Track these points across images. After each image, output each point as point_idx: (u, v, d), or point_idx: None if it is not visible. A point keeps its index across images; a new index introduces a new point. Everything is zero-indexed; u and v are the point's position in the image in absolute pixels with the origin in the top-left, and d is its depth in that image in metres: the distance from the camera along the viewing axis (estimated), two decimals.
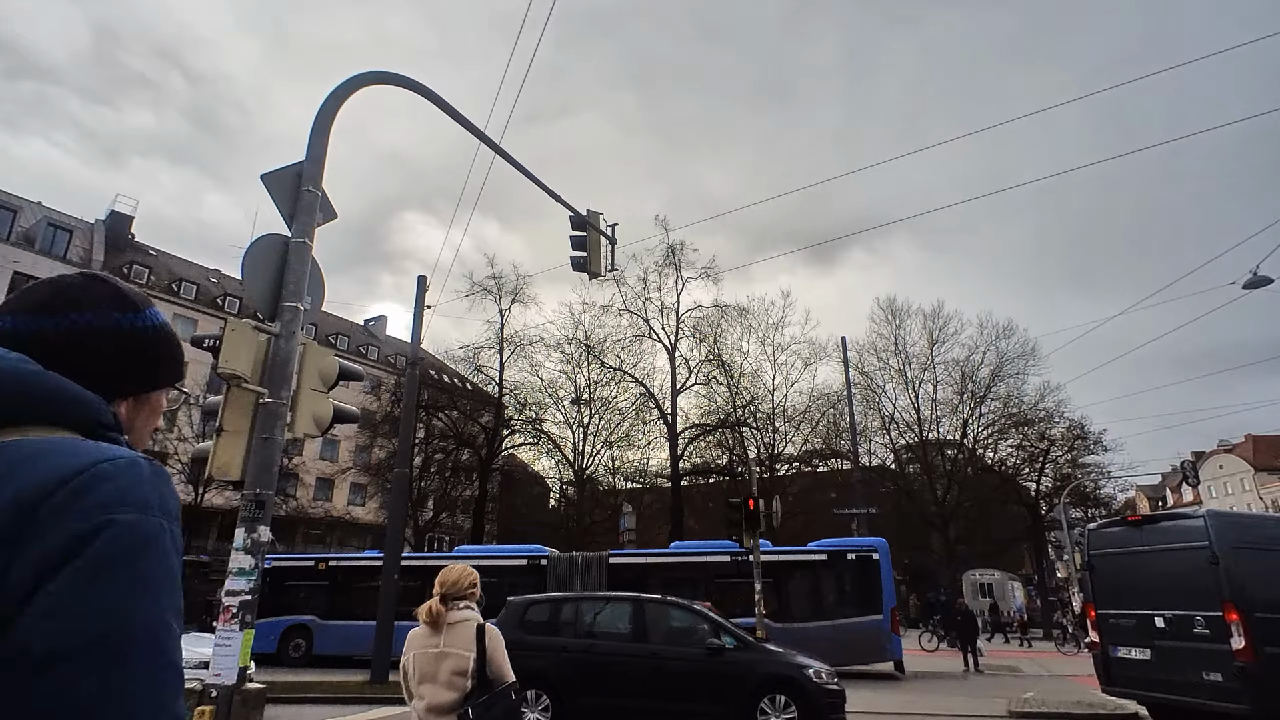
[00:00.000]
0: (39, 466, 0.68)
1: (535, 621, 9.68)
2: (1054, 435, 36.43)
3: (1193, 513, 8.71)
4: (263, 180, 5.34)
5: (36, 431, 0.74)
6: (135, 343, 0.92)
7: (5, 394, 0.74)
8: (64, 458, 0.70)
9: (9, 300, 0.88)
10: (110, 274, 0.98)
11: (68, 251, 37.34)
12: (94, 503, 0.67)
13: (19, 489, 0.65)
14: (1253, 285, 14.31)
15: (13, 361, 0.77)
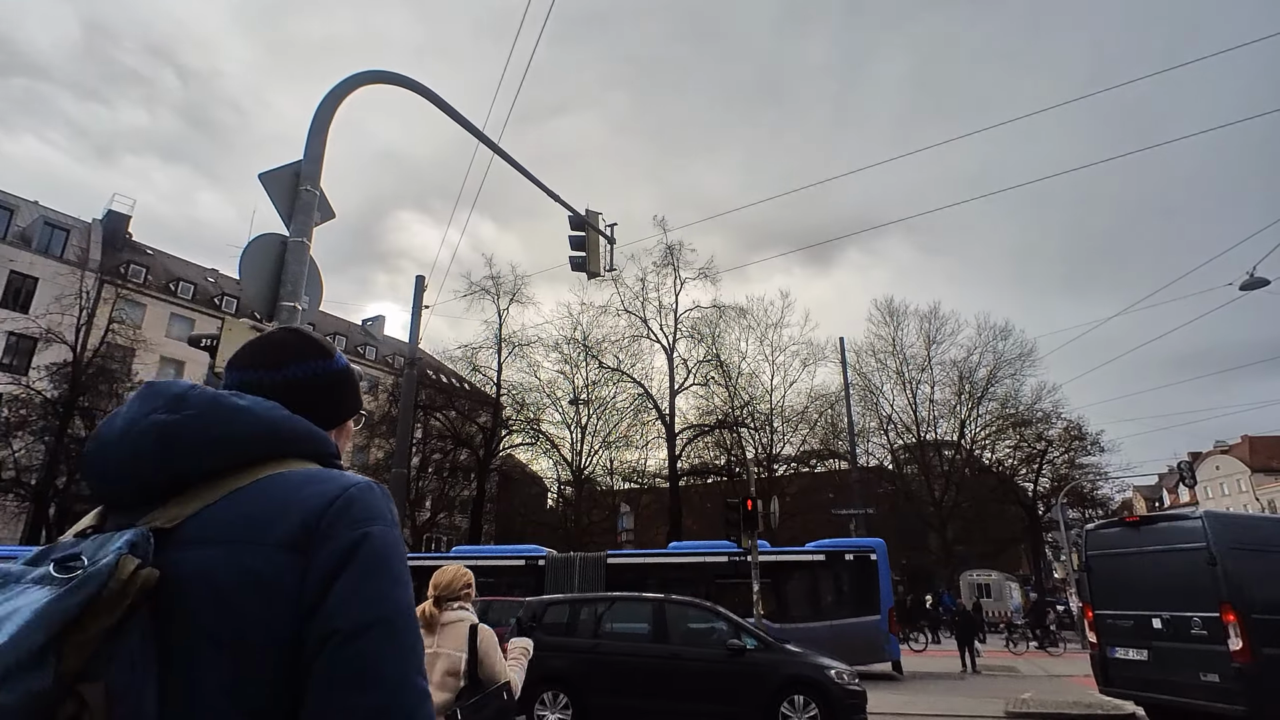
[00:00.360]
0: (308, 493, 0.90)
1: (554, 622, 9.68)
2: (1051, 436, 36.54)
3: (1190, 514, 8.72)
4: (260, 179, 5.32)
5: (292, 464, 0.95)
6: (337, 382, 1.15)
7: (272, 436, 0.95)
8: (322, 485, 0.91)
9: (245, 356, 1.10)
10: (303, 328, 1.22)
11: (65, 251, 37.21)
12: (352, 519, 0.88)
13: (305, 508, 0.87)
14: (1250, 286, 14.35)
15: (270, 409, 0.97)
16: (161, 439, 0.90)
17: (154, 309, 40.45)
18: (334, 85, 5.87)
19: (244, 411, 0.95)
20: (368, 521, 0.89)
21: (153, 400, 0.95)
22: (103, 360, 29.33)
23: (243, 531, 0.85)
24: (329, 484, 0.91)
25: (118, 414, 0.95)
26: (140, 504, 0.90)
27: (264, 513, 0.87)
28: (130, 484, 0.91)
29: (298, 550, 0.85)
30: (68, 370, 27.96)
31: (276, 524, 0.86)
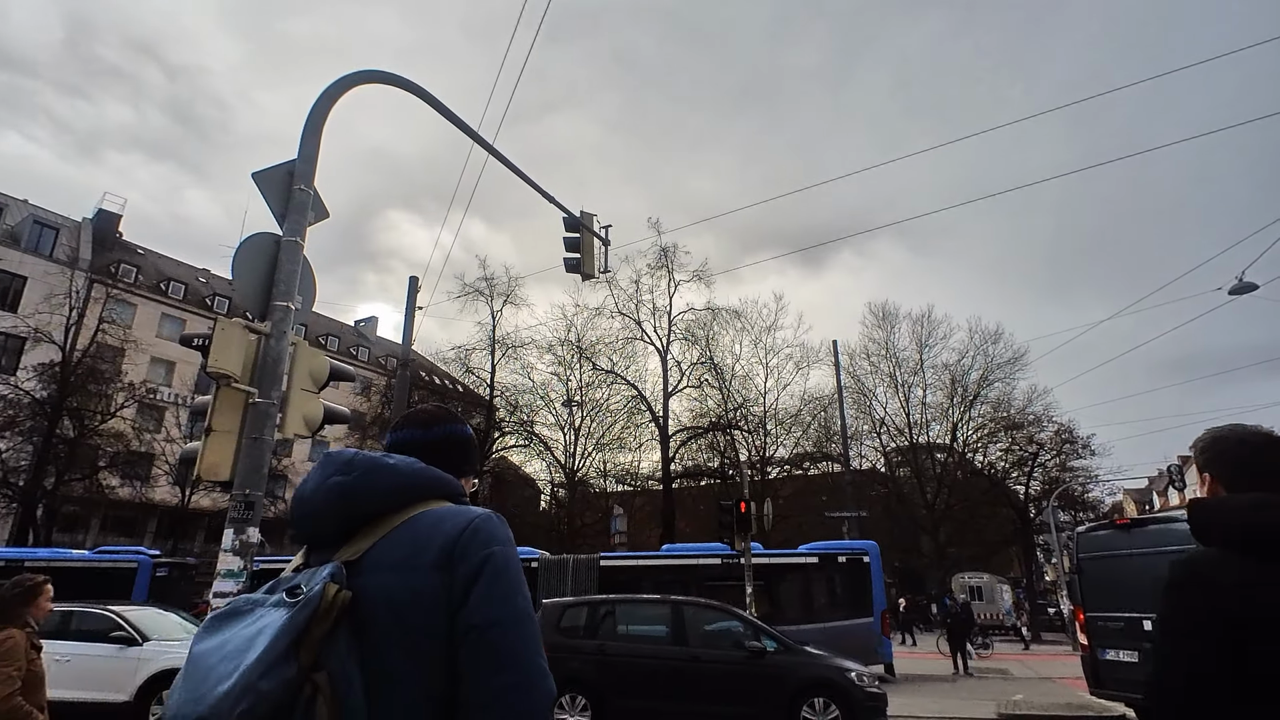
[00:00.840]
0: (447, 524, 1.21)
1: (572, 625, 9.66)
2: (1043, 439, 36.68)
3: (1180, 516, 8.77)
4: (254, 178, 5.30)
5: (432, 504, 1.28)
6: (463, 442, 1.51)
7: (414, 485, 1.29)
8: (455, 519, 1.23)
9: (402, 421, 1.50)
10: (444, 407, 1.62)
11: (54, 250, 36.96)
12: (479, 543, 1.19)
13: (445, 537, 1.19)
14: (1238, 291, 14.47)
15: (410, 464, 1.31)
16: (341, 494, 1.25)
17: (145, 309, 40.20)
18: (328, 85, 5.84)
19: (393, 469, 1.29)
20: (489, 544, 1.20)
21: (331, 466, 1.31)
22: (92, 361, 29.10)
23: (404, 559, 1.18)
24: (460, 517, 1.24)
25: (309, 477, 1.32)
26: (331, 543, 1.24)
27: (416, 543, 1.20)
28: (323, 529, 1.27)
29: (443, 569, 1.16)
30: (56, 370, 27.72)
31: (426, 551, 1.18)
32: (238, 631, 1.08)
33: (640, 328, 33.41)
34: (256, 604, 1.13)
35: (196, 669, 1.06)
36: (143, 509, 35.97)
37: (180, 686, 1.06)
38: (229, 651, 1.05)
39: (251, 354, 4.77)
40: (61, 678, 9.69)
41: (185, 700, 1.03)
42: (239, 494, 4.53)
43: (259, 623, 1.07)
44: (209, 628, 1.12)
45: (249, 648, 1.03)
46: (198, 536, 38.43)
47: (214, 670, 1.03)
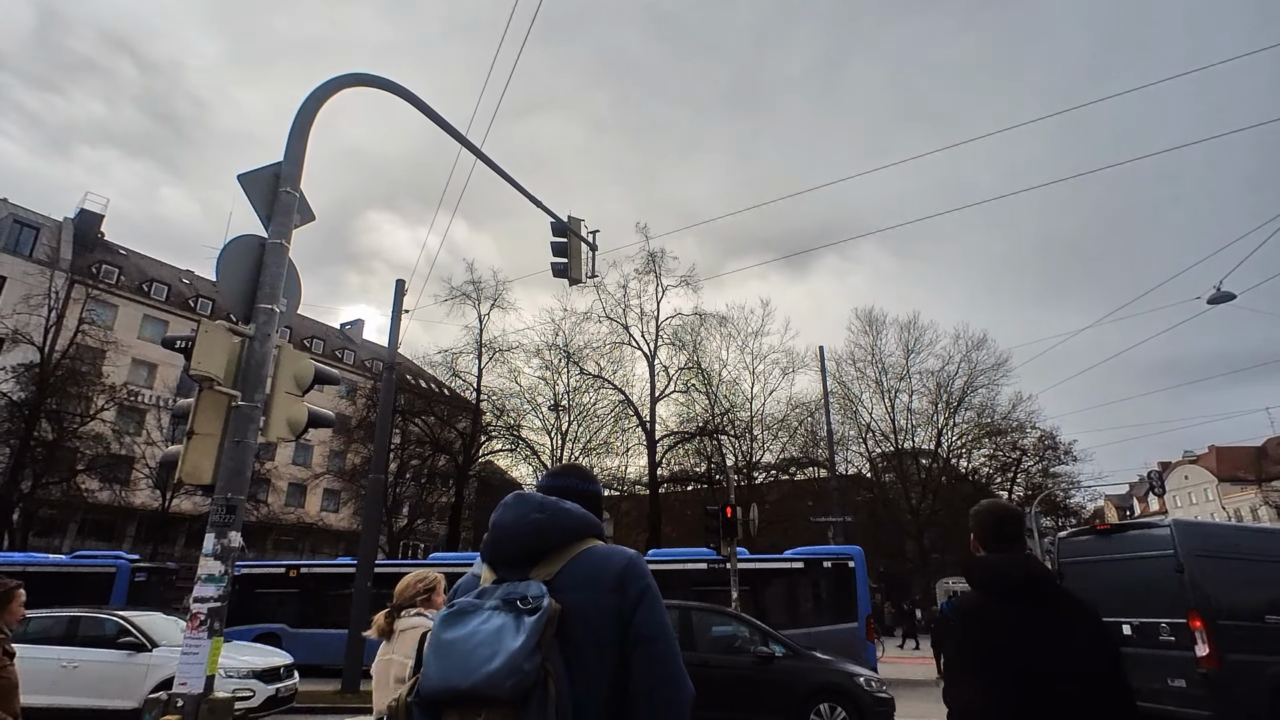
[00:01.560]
0: (615, 559, 1.58)
1: None
2: (1025, 445, 37.08)
3: (1159, 522, 8.90)
4: (239, 180, 5.26)
5: (591, 542, 1.63)
6: (601, 498, 1.89)
7: (585, 526, 1.64)
8: (618, 555, 1.60)
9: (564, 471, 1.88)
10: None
11: (34, 249, 36.44)
12: (639, 574, 1.57)
13: (616, 568, 1.55)
14: (1216, 300, 14.69)
15: (582, 511, 1.67)
16: (537, 530, 1.59)
17: (126, 310, 39.71)
18: (315, 88, 5.82)
19: (570, 513, 1.64)
20: (645, 577, 1.59)
21: (528, 505, 1.63)
22: (72, 362, 28.67)
23: (587, 582, 1.53)
24: (622, 554, 1.62)
25: (506, 513, 1.62)
26: (520, 565, 1.57)
27: (594, 571, 1.55)
28: (517, 554, 1.58)
29: (617, 592, 1.53)
30: (35, 371, 27.29)
31: (604, 578, 1.54)
32: (477, 627, 1.40)
33: (628, 332, 33.45)
34: (477, 607, 1.46)
35: (455, 651, 1.38)
36: (122, 513, 35.44)
37: (436, 664, 1.39)
38: (481, 640, 1.37)
39: (235, 356, 4.74)
40: (68, 684, 9.53)
41: (450, 673, 1.35)
42: (221, 498, 4.49)
43: (491, 621, 1.40)
44: (448, 623, 1.44)
45: (499, 639, 1.36)
46: (179, 541, 37.91)
47: (474, 653, 1.35)
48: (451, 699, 1.34)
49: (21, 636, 10.06)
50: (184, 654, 4.17)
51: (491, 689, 1.30)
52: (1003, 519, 2.26)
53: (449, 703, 1.35)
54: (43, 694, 9.55)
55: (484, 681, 1.31)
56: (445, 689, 1.34)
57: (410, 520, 36.80)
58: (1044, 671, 1.90)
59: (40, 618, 10.44)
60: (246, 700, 9.59)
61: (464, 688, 1.32)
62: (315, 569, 19.92)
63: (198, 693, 4.06)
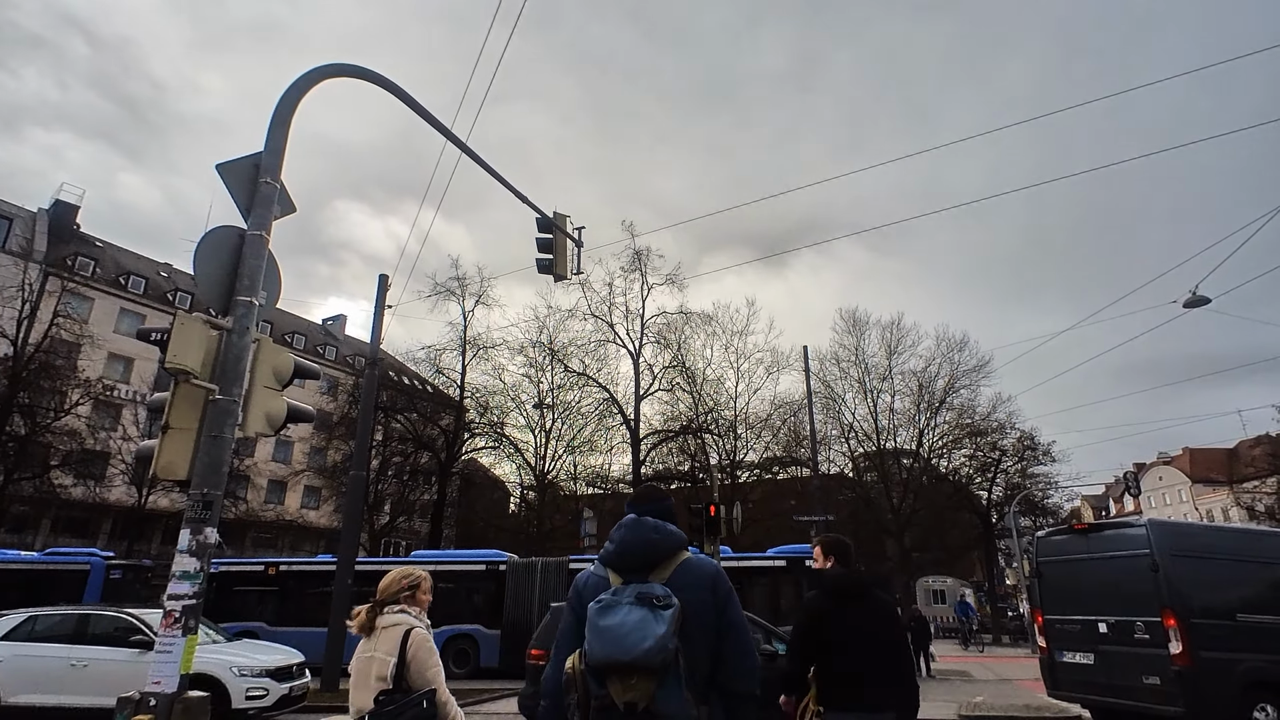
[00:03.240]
0: (706, 566, 2.23)
1: None
2: (1005, 446, 37.45)
3: (1135, 521, 9.02)
4: (218, 170, 5.17)
5: (684, 553, 2.23)
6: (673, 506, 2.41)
7: (681, 542, 2.25)
8: (707, 564, 2.26)
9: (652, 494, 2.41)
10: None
11: (7, 241, 35.66)
12: (723, 579, 2.23)
13: (708, 574, 2.20)
14: (1192, 304, 14.92)
15: (678, 530, 2.28)
16: (654, 546, 2.18)
17: (102, 303, 39.02)
18: (297, 78, 5.74)
19: (676, 533, 2.25)
20: (727, 581, 2.23)
21: (645, 527, 2.21)
22: (45, 355, 28.10)
23: (690, 585, 2.09)
24: (710, 564, 2.24)
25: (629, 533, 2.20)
26: (638, 571, 2.12)
27: (694, 576, 2.14)
28: (637, 564, 2.14)
29: (711, 591, 2.14)
30: (7, 365, 26.71)
31: (702, 581, 2.14)
32: (624, 617, 1.90)
33: (613, 330, 33.42)
34: (618, 602, 1.96)
35: (612, 634, 1.87)
36: (96, 510, 34.84)
37: (598, 643, 1.88)
38: (630, 627, 1.87)
39: (212, 350, 4.66)
40: (78, 683, 9.36)
41: (612, 650, 1.85)
42: (197, 493, 4.41)
43: (634, 613, 1.91)
44: (601, 613, 1.94)
45: (646, 626, 1.87)
46: (154, 538, 37.33)
47: (628, 637, 1.85)
48: (614, 669, 1.84)
49: (30, 635, 9.91)
50: (158, 652, 4.09)
51: (646, 662, 1.82)
52: (843, 544, 3.72)
53: (612, 671, 1.85)
54: (52, 693, 9.39)
55: (641, 656, 1.82)
56: (610, 661, 1.85)
57: (392, 518, 36.50)
58: (852, 634, 3.32)
59: (49, 616, 10.27)
60: (260, 699, 9.47)
61: (625, 661, 1.83)
62: (295, 567, 19.72)
63: (171, 692, 3.99)
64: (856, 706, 3.26)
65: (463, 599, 17.88)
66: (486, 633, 17.22)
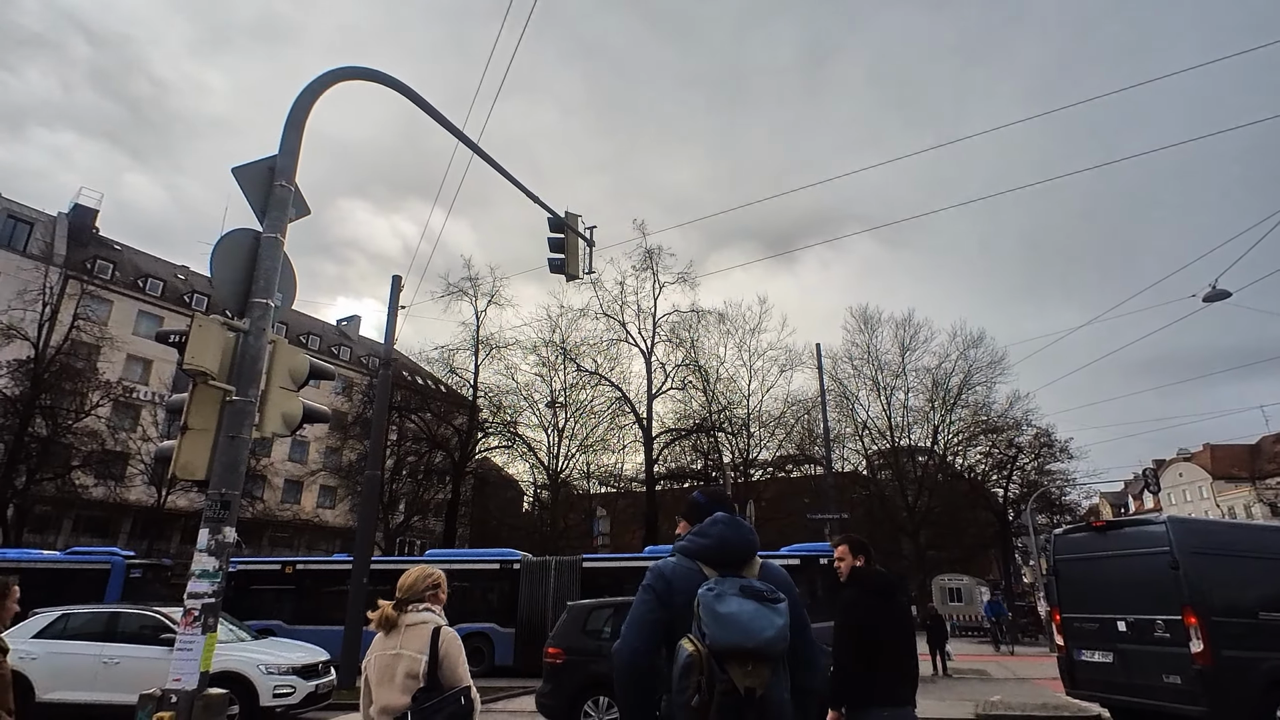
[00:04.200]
0: (781, 570, 2.33)
1: (596, 627, 9.50)
2: (1021, 443, 37.15)
3: (1154, 519, 8.90)
4: (234, 174, 5.23)
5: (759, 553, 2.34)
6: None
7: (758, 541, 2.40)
8: (780, 568, 2.35)
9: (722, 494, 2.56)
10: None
11: (28, 245, 36.23)
12: (790, 583, 2.27)
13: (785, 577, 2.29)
14: (1212, 298, 14.72)
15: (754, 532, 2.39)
16: (751, 545, 2.28)
17: (121, 305, 39.53)
18: (310, 81, 5.79)
19: (755, 534, 2.36)
20: (793, 583, 2.29)
21: (743, 529, 2.30)
22: (66, 358, 28.55)
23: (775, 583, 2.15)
24: (783, 570, 2.33)
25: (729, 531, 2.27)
26: (735, 566, 2.19)
27: (775, 579, 2.22)
28: (737, 559, 2.22)
29: (788, 591, 2.16)
30: (29, 367, 27.15)
31: (785, 583, 2.22)
32: (740, 606, 1.98)
33: (625, 329, 33.44)
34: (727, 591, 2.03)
35: (736, 622, 1.94)
36: (117, 509, 35.32)
37: (720, 630, 1.93)
38: (749, 616, 1.96)
39: (229, 351, 4.71)
40: (110, 680, 9.51)
41: (736, 636, 1.92)
42: (215, 493, 4.47)
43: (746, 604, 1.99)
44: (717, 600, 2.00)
45: (763, 616, 1.97)
46: (173, 537, 37.81)
47: (751, 624, 1.94)
48: (738, 654, 1.92)
49: (62, 633, 10.08)
50: (178, 650, 4.15)
51: (769, 649, 1.95)
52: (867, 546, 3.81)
53: (734, 657, 1.92)
54: (84, 690, 9.54)
55: (764, 644, 1.93)
56: (735, 646, 1.92)
57: (406, 517, 36.75)
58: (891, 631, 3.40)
59: (80, 614, 10.44)
60: (287, 697, 9.58)
61: (750, 647, 1.92)
62: (311, 565, 19.88)
63: (191, 689, 4.04)
64: (890, 702, 3.32)
65: (477, 597, 17.97)
66: (501, 631, 17.30)
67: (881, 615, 3.41)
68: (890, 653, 3.35)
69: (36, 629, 10.07)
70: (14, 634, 9.47)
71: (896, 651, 3.37)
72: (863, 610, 3.44)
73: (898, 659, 3.36)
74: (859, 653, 3.35)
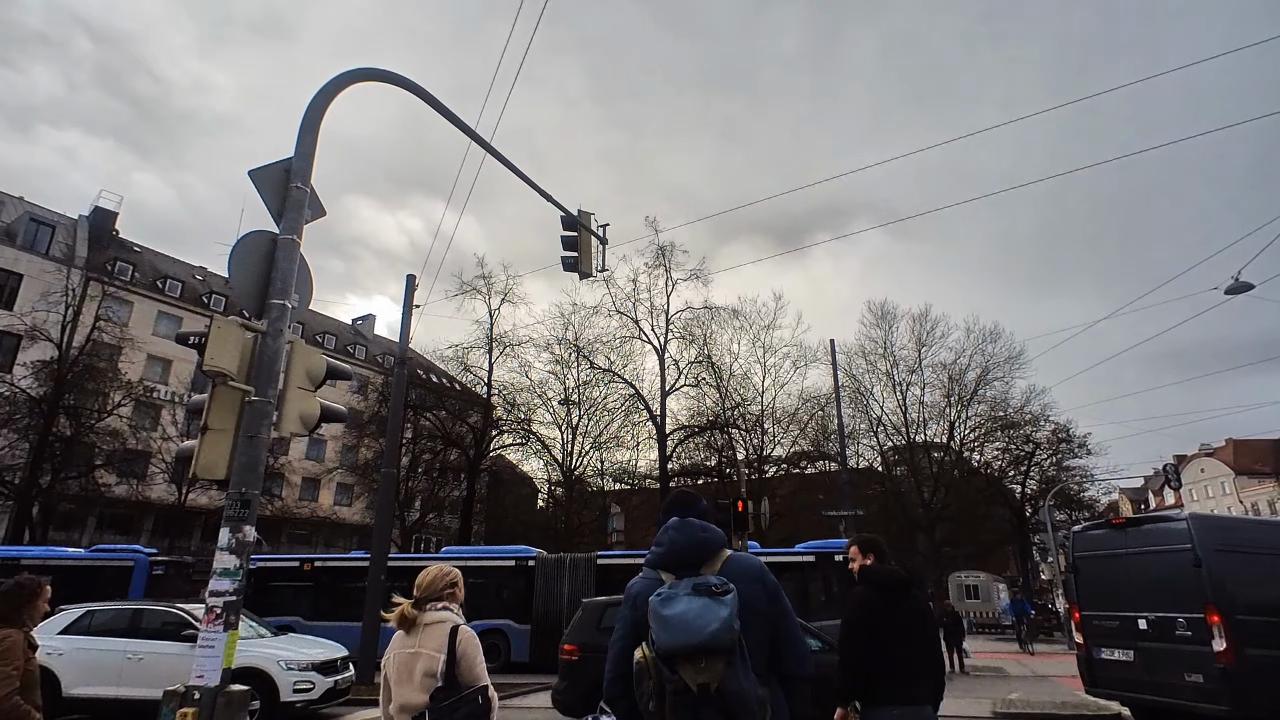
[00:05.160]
0: (750, 562, 2.39)
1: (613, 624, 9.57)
2: (1039, 438, 36.76)
3: (1176, 515, 8.79)
4: (250, 176, 5.28)
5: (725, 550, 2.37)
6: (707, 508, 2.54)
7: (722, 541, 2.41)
8: (750, 559, 2.42)
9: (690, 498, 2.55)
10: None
11: (50, 247, 36.80)
12: (768, 573, 2.40)
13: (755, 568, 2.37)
14: (1234, 291, 14.48)
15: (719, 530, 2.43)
16: (703, 544, 2.33)
17: (141, 307, 40.08)
18: (325, 83, 5.84)
19: (719, 532, 2.41)
20: (770, 574, 2.39)
21: (693, 528, 2.35)
22: (88, 358, 29.01)
23: (740, 578, 2.20)
24: (754, 559, 2.41)
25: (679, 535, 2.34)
26: (690, 567, 2.24)
27: (742, 570, 2.27)
28: (688, 561, 2.27)
29: (758, 583, 2.29)
30: (53, 368, 27.63)
31: (749, 575, 2.28)
32: (686, 606, 2.02)
33: (638, 326, 33.44)
34: (675, 594, 2.07)
35: (680, 620, 1.98)
36: (139, 507, 35.87)
37: (665, 632, 1.99)
38: (695, 613, 1.99)
39: (248, 352, 4.77)
40: (133, 676, 9.67)
41: (680, 636, 1.97)
42: (235, 492, 4.53)
43: (694, 602, 2.03)
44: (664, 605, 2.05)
45: (709, 611, 1.99)
46: (194, 535, 38.34)
47: (694, 622, 1.97)
48: (685, 653, 1.95)
49: (88, 629, 10.27)
50: (201, 647, 4.21)
51: (714, 643, 1.95)
52: (880, 545, 3.76)
53: (682, 656, 1.95)
54: (109, 685, 9.70)
55: (709, 639, 1.95)
56: (679, 646, 1.96)
57: (422, 514, 37.01)
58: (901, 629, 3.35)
59: (105, 610, 10.63)
60: (307, 692, 9.69)
61: (695, 644, 1.95)
62: (329, 563, 20.09)
63: (214, 685, 4.10)
64: (902, 701, 3.27)
65: (493, 594, 18.07)
66: (517, 628, 17.41)
67: (891, 613, 3.37)
68: (902, 650, 3.31)
69: (62, 625, 10.25)
70: (40, 630, 9.63)
71: (909, 649, 3.32)
72: (870, 608, 3.42)
73: (910, 657, 3.31)
74: (868, 651, 3.32)
